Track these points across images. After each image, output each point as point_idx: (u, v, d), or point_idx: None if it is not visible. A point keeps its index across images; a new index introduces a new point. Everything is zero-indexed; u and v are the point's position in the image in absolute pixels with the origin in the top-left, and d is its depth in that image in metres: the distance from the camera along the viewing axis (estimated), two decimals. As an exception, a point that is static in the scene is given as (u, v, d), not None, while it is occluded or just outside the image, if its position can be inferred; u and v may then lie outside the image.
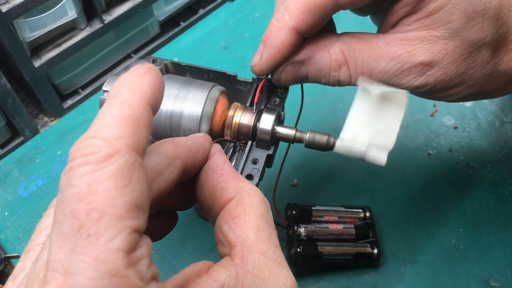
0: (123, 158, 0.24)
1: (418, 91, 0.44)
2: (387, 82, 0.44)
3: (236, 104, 0.46)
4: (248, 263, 0.30)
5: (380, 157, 0.41)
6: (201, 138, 0.35)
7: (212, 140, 0.37)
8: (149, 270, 0.25)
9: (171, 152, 0.32)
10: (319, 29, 0.43)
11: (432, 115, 0.78)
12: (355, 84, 0.45)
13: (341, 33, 0.45)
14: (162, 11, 0.87)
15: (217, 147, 0.36)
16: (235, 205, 0.33)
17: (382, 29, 0.45)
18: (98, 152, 0.24)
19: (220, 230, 0.33)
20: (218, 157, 0.35)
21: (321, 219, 0.64)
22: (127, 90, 0.27)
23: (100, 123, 0.26)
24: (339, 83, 0.45)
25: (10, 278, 0.28)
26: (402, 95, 0.41)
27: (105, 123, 0.25)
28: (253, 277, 0.30)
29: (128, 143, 0.25)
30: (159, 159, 0.31)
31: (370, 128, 0.42)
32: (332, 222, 0.63)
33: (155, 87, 0.28)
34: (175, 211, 0.38)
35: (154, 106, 0.28)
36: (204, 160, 0.35)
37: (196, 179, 0.35)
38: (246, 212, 0.32)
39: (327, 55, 0.44)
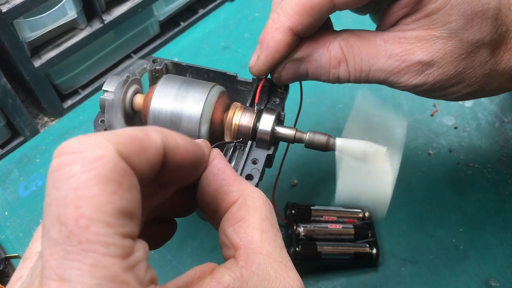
0: (113, 161, 0.23)
1: (417, 90, 0.44)
2: (386, 81, 0.44)
3: (236, 104, 0.46)
4: (253, 265, 0.30)
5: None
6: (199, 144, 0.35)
7: (211, 143, 0.37)
8: (147, 274, 0.25)
9: None
10: (315, 29, 0.43)
11: (432, 115, 0.78)
12: (354, 81, 0.45)
13: (340, 30, 0.45)
14: (162, 11, 0.87)
15: (216, 152, 0.36)
16: (238, 207, 0.33)
17: (381, 28, 0.45)
18: (85, 151, 0.23)
19: (224, 233, 0.33)
20: (219, 161, 0.35)
21: (320, 218, 0.64)
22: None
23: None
24: (338, 80, 0.45)
25: (8, 286, 0.28)
26: (380, 151, 0.41)
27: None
28: (258, 278, 0.30)
29: (120, 149, 0.24)
30: None
31: (362, 185, 0.42)
32: (331, 222, 0.63)
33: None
34: (174, 218, 0.38)
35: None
36: (204, 165, 0.35)
37: (198, 185, 0.35)
38: (250, 214, 0.32)
39: (326, 52, 0.44)
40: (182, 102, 0.43)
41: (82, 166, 0.23)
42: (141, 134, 0.26)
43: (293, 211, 0.63)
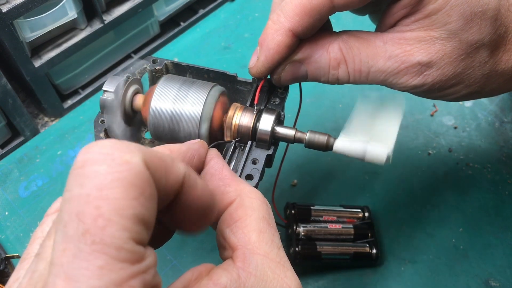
0: (139, 168, 0.24)
1: (416, 91, 0.45)
2: (385, 82, 0.44)
3: (236, 104, 0.46)
4: (250, 266, 0.30)
5: (379, 156, 0.41)
6: (196, 144, 0.35)
7: (209, 144, 0.37)
8: (153, 280, 0.24)
9: None
10: (315, 31, 0.43)
11: (432, 115, 0.78)
12: (353, 82, 0.45)
13: (339, 32, 0.45)
14: (162, 11, 0.87)
15: (213, 152, 0.36)
16: (236, 208, 0.33)
17: (380, 29, 0.45)
18: (114, 153, 0.23)
19: (222, 234, 0.33)
20: (216, 162, 0.35)
21: (320, 218, 0.64)
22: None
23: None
24: (338, 81, 0.45)
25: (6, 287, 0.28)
26: (400, 99, 0.42)
27: None
28: (256, 279, 0.30)
29: (146, 160, 0.24)
30: None
31: (369, 129, 0.42)
32: (331, 221, 0.64)
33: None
34: None
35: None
36: (200, 166, 0.35)
37: None
38: (247, 215, 0.32)
39: (326, 53, 0.44)
40: (182, 102, 0.44)
41: (109, 167, 0.23)
42: (168, 159, 0.27)
43: (293, 211, 0.63)
